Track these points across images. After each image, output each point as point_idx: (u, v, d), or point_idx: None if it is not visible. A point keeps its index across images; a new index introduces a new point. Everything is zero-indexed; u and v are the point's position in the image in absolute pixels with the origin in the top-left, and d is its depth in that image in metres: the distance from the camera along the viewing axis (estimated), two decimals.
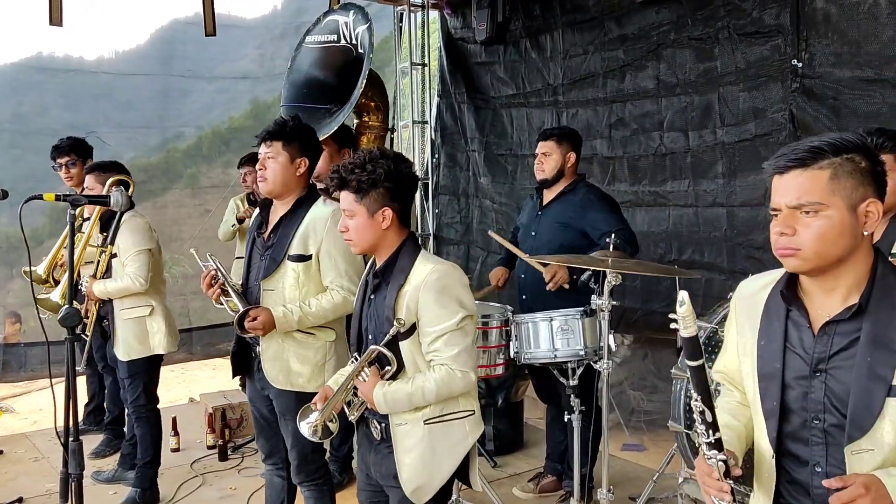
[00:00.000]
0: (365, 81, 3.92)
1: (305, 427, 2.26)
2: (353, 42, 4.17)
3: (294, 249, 2.83)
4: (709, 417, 1.54)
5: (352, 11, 4.22)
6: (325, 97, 4.18)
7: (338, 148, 3.97)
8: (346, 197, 2.24)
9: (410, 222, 2.35)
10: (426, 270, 2.19)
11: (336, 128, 3.86)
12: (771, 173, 1.57)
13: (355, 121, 4.50)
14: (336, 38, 4.29)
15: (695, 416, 1.56)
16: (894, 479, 1.46)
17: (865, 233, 1.52)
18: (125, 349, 3.86)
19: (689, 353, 1.52)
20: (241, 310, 2.82)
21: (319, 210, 2.86)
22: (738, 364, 1.76)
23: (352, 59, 4.14)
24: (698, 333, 1.51)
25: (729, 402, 1.83)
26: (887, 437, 1.49)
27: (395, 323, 2.15)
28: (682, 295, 1.46)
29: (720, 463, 1.56)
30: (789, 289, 1.62)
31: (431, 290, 2.16)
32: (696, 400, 1.54)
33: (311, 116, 3.97)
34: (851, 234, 1.50)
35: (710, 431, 1.56)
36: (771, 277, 1.70)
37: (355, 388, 2.28)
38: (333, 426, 2.29)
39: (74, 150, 4.47)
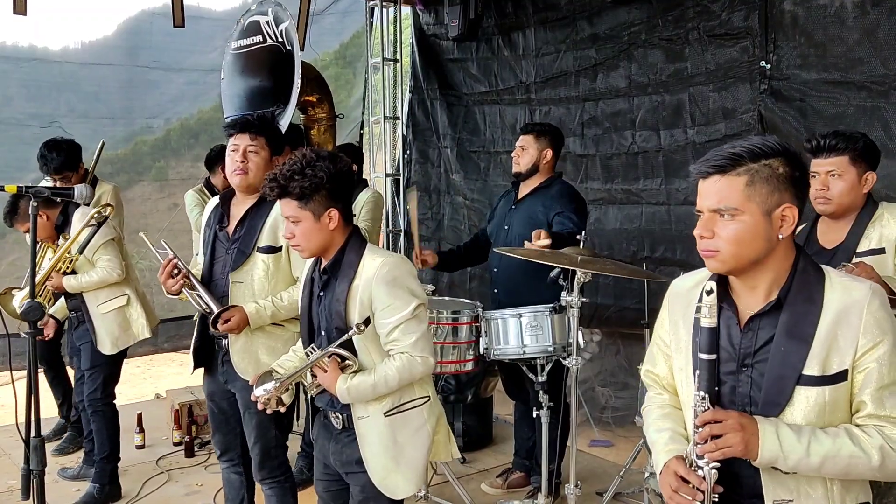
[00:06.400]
0: (300, 80, 3.86)
1: (261, 391, 2.24)
2: (280, 39, 4.08)
3: (263, 241, 2.82)
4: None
5: (270, 9, 4.13)
6: (266, 101, 4.12)
7: (291, 149, 3.92)
8: (287, 204, 2.23)
9: (352, 217, 2.37)
10: (376, 264, 2.23)
11: (284, 130, 3.81)
12: (694, 177, 1.63)
13: (301, 116, 4.45)
14: (262, 39, 4.20)
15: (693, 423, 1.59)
16: (774, 427, 1.54)
17: (781, 237, 1.57)
18: (111, 341, 3.83)
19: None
20: (214, 311, 2.78)
21: None
22: (669, 362, 1.81)
23: (282, 56, 4.06)
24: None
25: (662, 406, 1.86)
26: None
27: (354, 328, 2.16)
28: None
29: (713, 471, 1.56)
30: (721, 286, 1.65)
31: (383, 283, 2.21)
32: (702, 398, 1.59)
33: None
34: (765, 237, 1.56)
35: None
36: (703, 275, 1.74)
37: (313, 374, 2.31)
38: (287, 398, 2.32)
39: (67, 165, 4.12)
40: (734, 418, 1.54)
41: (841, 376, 1.56)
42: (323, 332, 2.34)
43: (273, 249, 2.82)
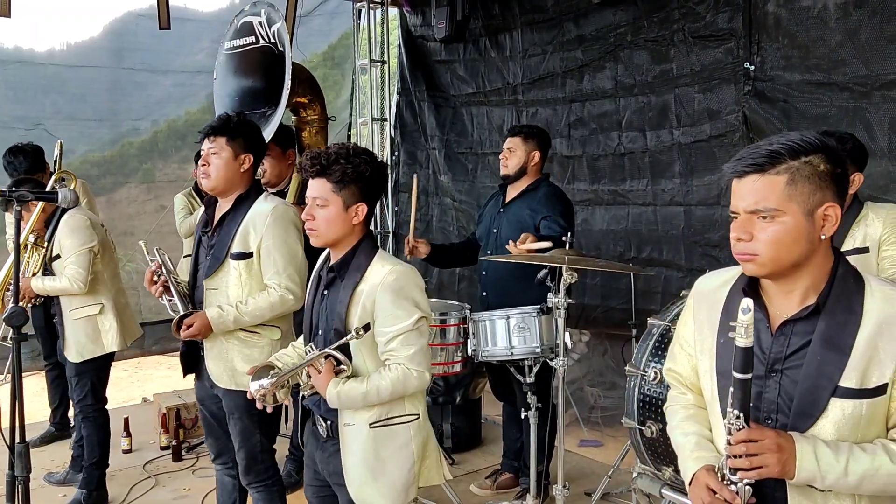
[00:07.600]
0: (291, 81, 3.85)
1: (256, 386, 2.20)
2: (273, 40, 4.08)
3: (235, 247, 2.77)
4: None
5: (263, 9, 4.12)
6: (258, 101, 4.11)
7: (282, 151, 3.91)
8: (320, 185, 2.19)
9: (371, 221, 2.34)
10: (384, 271, 2.18)
11: (273, 131, 3.79)
12: (729, 176, 1.54)
13: (293, 118, 4.45)
14: (254, 40, 4.20)
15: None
16: (812, 446, 1.48)
17: (823, 237, 1.50)
18: (77, 350, 3.75)
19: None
20: (180, 313, 2.76)
21: (260, 206, 2.80)
22: (692, 362, 1.75)
23: (275, 57, 4.05)
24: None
25: (686, 407, 1.80)
26: (827, 437, 1.51)
27: (353, 332, 2.12)
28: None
29: (747, 488, 1.51)
30: (751, 287, 1.60)
31: (388, 291, 2.15)
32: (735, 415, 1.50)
33: None
34: (807, 239, 1.49)
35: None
36: (730, 274, 1.69)
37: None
38: (282, 394, 2.26)
39: (35, 168, 4.17)
40: (771, 438, 1.47)
41: (881, 390, 1.49)
42: (321, 332, 2.29)
43: (244, 255, 2.76)
